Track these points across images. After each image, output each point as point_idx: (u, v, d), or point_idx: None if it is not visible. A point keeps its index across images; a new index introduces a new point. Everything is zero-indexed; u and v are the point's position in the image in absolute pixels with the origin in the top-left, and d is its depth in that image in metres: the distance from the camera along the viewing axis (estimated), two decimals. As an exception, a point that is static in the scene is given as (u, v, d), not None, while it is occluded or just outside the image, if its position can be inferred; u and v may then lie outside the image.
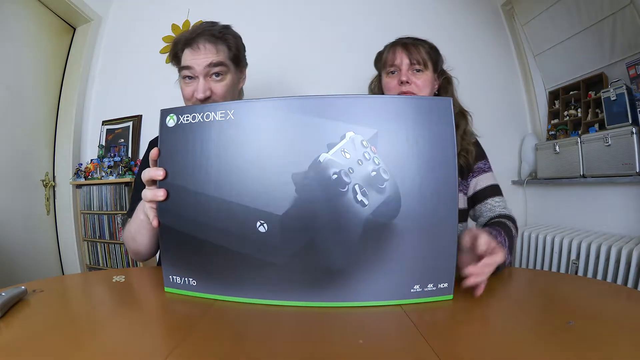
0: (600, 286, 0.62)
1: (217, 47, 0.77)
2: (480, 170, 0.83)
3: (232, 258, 0.46)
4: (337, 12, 1.83)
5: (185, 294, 0.49)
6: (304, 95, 0.45)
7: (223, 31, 0.79)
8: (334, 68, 1.78)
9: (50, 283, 0.55)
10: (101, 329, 0.39)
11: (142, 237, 0.63)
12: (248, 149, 0.44)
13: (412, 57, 0.78)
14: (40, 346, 0.33)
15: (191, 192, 0.46)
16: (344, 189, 0.43)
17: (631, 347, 0.33)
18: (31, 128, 1.70)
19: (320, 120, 0.44)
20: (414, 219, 0.44)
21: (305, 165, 0.43)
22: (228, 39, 0.79)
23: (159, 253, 0.60)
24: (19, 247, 1.53)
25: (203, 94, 0.74)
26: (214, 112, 0.45)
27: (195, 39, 0.76)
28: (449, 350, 0.33)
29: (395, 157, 0.44)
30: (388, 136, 0.44)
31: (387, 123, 0.44)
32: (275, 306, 0.45)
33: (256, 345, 0.35)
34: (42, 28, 1.70)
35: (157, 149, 0.49)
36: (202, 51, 0.75)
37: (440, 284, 0.46)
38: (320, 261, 0.44)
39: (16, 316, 0.41)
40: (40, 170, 1.74)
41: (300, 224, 0.44)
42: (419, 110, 0.45)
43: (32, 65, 1.66)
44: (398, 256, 0.44)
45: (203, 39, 0.76)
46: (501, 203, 0.80)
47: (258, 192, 0.44)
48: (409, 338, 0.36)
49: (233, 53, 0.79)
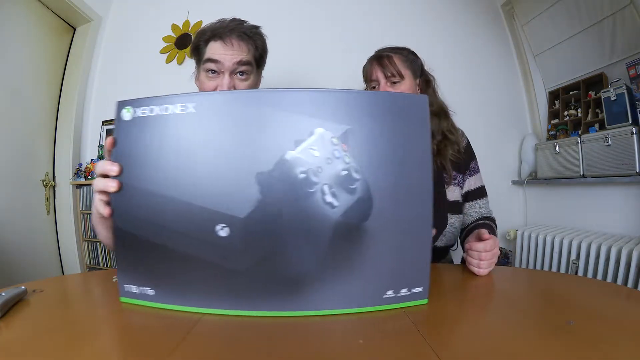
0: (600, 286, 0.62)
1: (248, 45, 0.76)
2: (474, 171, 0.88)
3: (192, 265, 0.42)
4: (336, 12, 1.83)
5: (142, 304, 0.44)
6: (271, 88, 0.42)
7: (253, 30, 0.78)
8: (334, 68, 1.78)
9: (50, 283, 0.55)
10: (101, 329, 0.39)
11: (102, 230, 0.58)
12: (209, 146, 0.41)
13: (386, 70, 0.80)
14: (40, 346, 0.33)
15: (147, 193, 0.42)
16: (312, 189, 0.40)
17: (631, 347, 0.33)
18: (31, 128, 1.69)
19: (288, 115, 0.40)
20: (386, 221, 0.42)
21: (271, 164, 0.40)
22: (257, 39, 0.78)
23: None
24: (19, 247, 1.53)
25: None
26: (173, 104, 0.41)
27: (227, 34, 0.74)
28: (449, 350, 0.33)
29: (367, 156, 0.41)
30: (360, 133, 0.41)
31: (359, 119, 0.41)
32: (240, 317, 0.41)
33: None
34: (42, 28, 1.70)
35: (112, 138, 0.44)
36: (233, 47, 0.74)
37: (414, 288, 0.44)
38: (286, 267, 0.41)
39: (16, 316, 0.41)
40: (40, 170, 1.74)
41: (264, 227, 0.40)
42: (394, 107, 0.42)
43: (32, 65, 1.66)
44: (370, 261, 0.42)
45: (235, 34, 0.74)
46: (487, 204, 0.88)
47: (219, 193, 0.40)
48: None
49: (259, 53, 0.79)
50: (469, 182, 0.87)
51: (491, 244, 0.59)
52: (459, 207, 0.85)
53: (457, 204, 0.84)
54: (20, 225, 1.57)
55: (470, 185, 0.87)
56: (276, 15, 1.81)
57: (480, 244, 0.59)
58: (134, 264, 0.44)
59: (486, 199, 0.88)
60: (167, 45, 1.86)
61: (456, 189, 0.85)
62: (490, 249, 0.58)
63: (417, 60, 0.87)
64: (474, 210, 0.86)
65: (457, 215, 0.84)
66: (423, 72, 0.88)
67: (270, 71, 0.89)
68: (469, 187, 0.87)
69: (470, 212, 0.87)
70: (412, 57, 0.85)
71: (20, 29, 1.59)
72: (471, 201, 0.86)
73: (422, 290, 0.44)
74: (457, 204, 0.84)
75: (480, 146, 1.01)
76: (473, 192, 0.87)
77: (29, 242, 1.61)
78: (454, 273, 0.63)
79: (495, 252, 0.59)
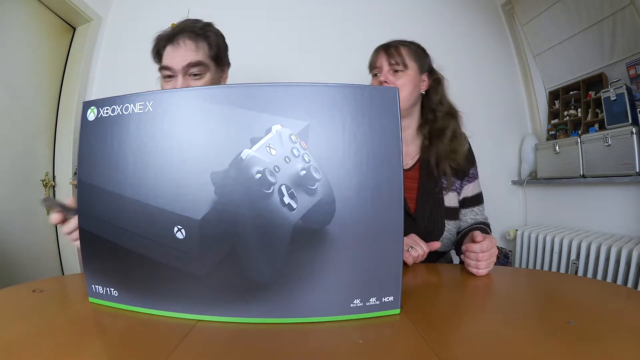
0: (600, 286, 0.62)
1: (198, 44, 0.77)
2: (473, 177, 0.88)
3: (151, 267, 0.41)
4: (336, 13, 1.83)
5: (107, 304, 0.44)
6: (227, 84, 0.40)
7: (205, 28, 0.79)
8: (334, 68, 1.78)
9: (50, 283, 0.55)
10: (101, 329, 0.39)
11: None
12: (165, 145, 0.39)
13: (391, 58, 0.81)
14: (40, 346, 0.33)
15: (108, 194, 0.41)
16: (269, 190, 0.38)
17: (631, 347, 0.33)
18: (31, 128, 1.69)
19: (244, 111, 0.38)
20: (351, 226, 0.39)
21: (226, 163, 0.38)
22: (209, 36, 0.79)
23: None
24: (19, 247, 1.52)
25: None
26: (133, 103, 0.40)
27: (176, 36, 0.76)
28: (449, 350, 0.33)
29: (329, 154, 0.39)
30: (321, 130, 0.39)
31: (320, 115, 0.38)
32: (201, 321, 0.40)
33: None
34: (42, 28, 1.69)
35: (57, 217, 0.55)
36: (182, 48, 0.76)
37: (384, 297, 0.41)
38: (244, 272, 0.39)
39: (16, 316, 0.41)
40: (40, 170, 1.74)
41: (220, 229, 0.38)
42: (358, 101, 0.39)
43: (32, 65, 1.66)
44: (333, 267, 0.39)
45: (184, 35, 0.76)
46: (483, 211, 0.89)
47: (175, 194, 0.39)
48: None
49: (214, 51, 0.80)
50: (467, 189, 0.86)
51: (487, 244, 0.58)
52: (455, 213, 0.85)
53: (454, 210, 0.84)
54: (20, 225, 1.56)
55: (468, 192, 0.86)
56: (276, 15, 1.81)
57: (476, 245, 0.58)
58: (98, 265, 0.44)
59: (482, 206, 0.88)
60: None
61: (453, 195, 0.84)
62: (487, 249, 0.58)
63: (425, 55, 0.86)
64: (470, 217, 0.87)
65: (454, 222, 0.84)
66: (432, 70, 0.88)
67: (270, 71, 0.90)
68: (466, 194, 0.86)
69: (466, 219, 0.87)
70: (421, 52, 0.85)
71: (20, 28, 1.59)
72: (468, 208, 0.86)
73: (393, 299, 0.41)
74: (454, 210, 0.84)
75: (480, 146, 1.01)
76: (470, 199, 0.86)
77: (29, 242, 1.61)
78: (454, 273, 0.63)
79: (493, 251, 0.59)
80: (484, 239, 0.59)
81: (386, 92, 0.40)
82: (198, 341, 0.35)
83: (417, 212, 0.80)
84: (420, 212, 0.80)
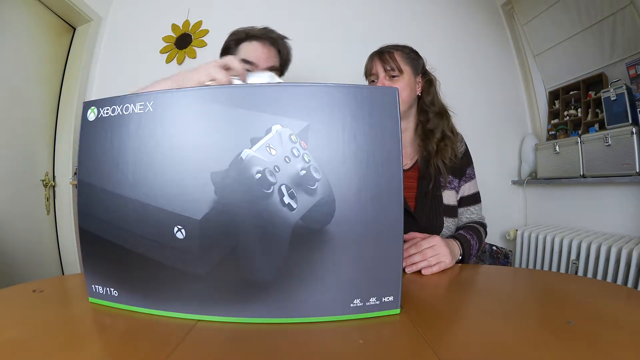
0: (600, 286, 0.62)
1: (277, 52, 0.83)
2: (469, 177, 0.89)
3: (151, 267, 0.41)
4: (336, 13, 1.83)
5: (107, 304, 0.44)
6: (227, 85, 0.41)
7: (282, 39, 0.86)
8: (334, 68, 1.78)
9: (50, 283, 0.55)
10: (101, 329, 0.39)
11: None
12: (166, 145, 0.40)
13: (386, 64, 0.83)
14: (40, 346, 0.33)
15: (108, 194, 0.41)
16: (269, 190, 0.38)
17: (631, 347, 0.33)
18: (31, 128, 1.69)
19: (244, 111, 0.38)
20: (350, 225, 0.39)
21: (226, 163, 0.38)
22: (282, 48, 0.86)
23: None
24: (19, 247, 1.52)
25: None
26: (133, 104, 0.40)
27: (262, 38, 0.80)
28: (449, 350, 0.33)
29: (329, 154, 0.39)
30: (321, 130, 0.39)
31: (320, 115, 0.39)
32: (203, 322, 0.40)
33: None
34: (42, 28, 1.69)
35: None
36: (268, 51, 0.81)
37: (384, 297, 0.41)
38: (244, 272, 0.39)
39: (16, 316, 0.41)
40: (40, 170, 1.74)
41: (220, 230, 0.39)
42: (358, 101, 0.39)
43: (32, 65, 1.66)
44: (333, 267, 0.39)
45: (269, 40, 0.81)
46: (479, 210, 0.90)
47: (175, 194, 0.39)
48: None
49: (282, 62, 0.86)
50: (464, 188, 0.88)
51: (412, 242, 0.64)
52: (454, 211, 0.86)
53: (452, 208, 0.86)
54: (20, 225, 1.56)
55: (465, 191, 0.88)
56: (276, 15, 1.81)
57: (411, 247, 0.62)
58: (99, 265, 0.44)
59: (479, 205, 0.90)
60: (167, 45, 1.86)
61: (452, 193, 0.86)
62: (425, 246, 0.62)
63: (418, 58, 0.89)
64: (465, 216, 0.88)
65: (453, 219, 0.85)
66: (425, 72, 0.90)
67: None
68: (463, 193, 0.88)
69: (461, 218, 0.88)
70: (414, 55, 0.87)
71: (20, 28, 1.59)
72: (464, 207, 0.88)
73: (393, 299, 0.41)
74: (453, 207, 0.86)
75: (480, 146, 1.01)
76: (467, 198, 0.88)
77: (29, 242, 1.61)
78: (453, 273, 0.63)
79: (431, 241, 0.63)
80: (409, 237, 0.67)
81: (386, 92, 0.40)
82: (198, 341, 0.35)
83: (417, 211, 0.82)
84: (420, 210, 0.82)
